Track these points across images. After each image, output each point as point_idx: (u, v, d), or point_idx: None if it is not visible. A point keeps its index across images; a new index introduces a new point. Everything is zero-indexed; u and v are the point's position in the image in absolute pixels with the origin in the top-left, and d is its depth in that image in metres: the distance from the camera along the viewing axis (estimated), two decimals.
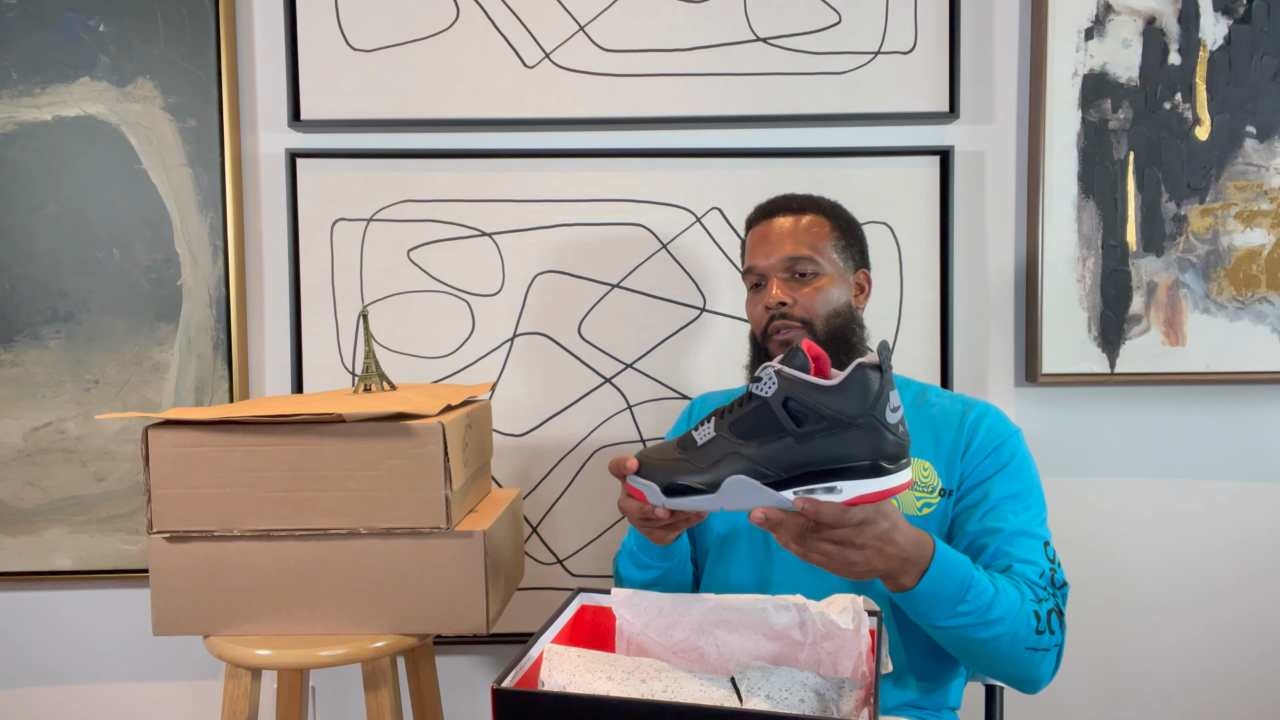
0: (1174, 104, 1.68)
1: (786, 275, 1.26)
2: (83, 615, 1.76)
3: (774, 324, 1.25)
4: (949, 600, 1.00)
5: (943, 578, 1.00)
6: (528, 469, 1.74)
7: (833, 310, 1.25)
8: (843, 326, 1.26)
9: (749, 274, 1.31)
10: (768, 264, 1.27)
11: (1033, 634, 1.05)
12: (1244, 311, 1.69)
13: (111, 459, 1.71)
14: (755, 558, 1.25)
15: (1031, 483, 1.21)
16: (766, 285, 1.28)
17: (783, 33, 1.68)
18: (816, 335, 1.24)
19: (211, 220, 1.69)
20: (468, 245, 1.71)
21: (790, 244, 1.26)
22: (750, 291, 1.32)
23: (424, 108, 1.68)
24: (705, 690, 0.91)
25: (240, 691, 1.28)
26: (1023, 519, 1.16)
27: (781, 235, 1.27)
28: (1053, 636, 1.07)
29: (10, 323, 1.69)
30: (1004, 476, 1.19)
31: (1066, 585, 1.12)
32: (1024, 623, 1.05)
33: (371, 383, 1.43)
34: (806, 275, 1.25)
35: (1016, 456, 1.21)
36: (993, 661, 1.07)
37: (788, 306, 1.24)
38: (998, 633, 1.03)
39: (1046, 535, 1.16)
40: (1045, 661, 1.08)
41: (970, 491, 1.20)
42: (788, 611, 1.00)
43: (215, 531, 1.24)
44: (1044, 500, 1.21)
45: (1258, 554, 1.77)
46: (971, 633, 1.03)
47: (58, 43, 1.66)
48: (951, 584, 1.00)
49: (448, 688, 1.74)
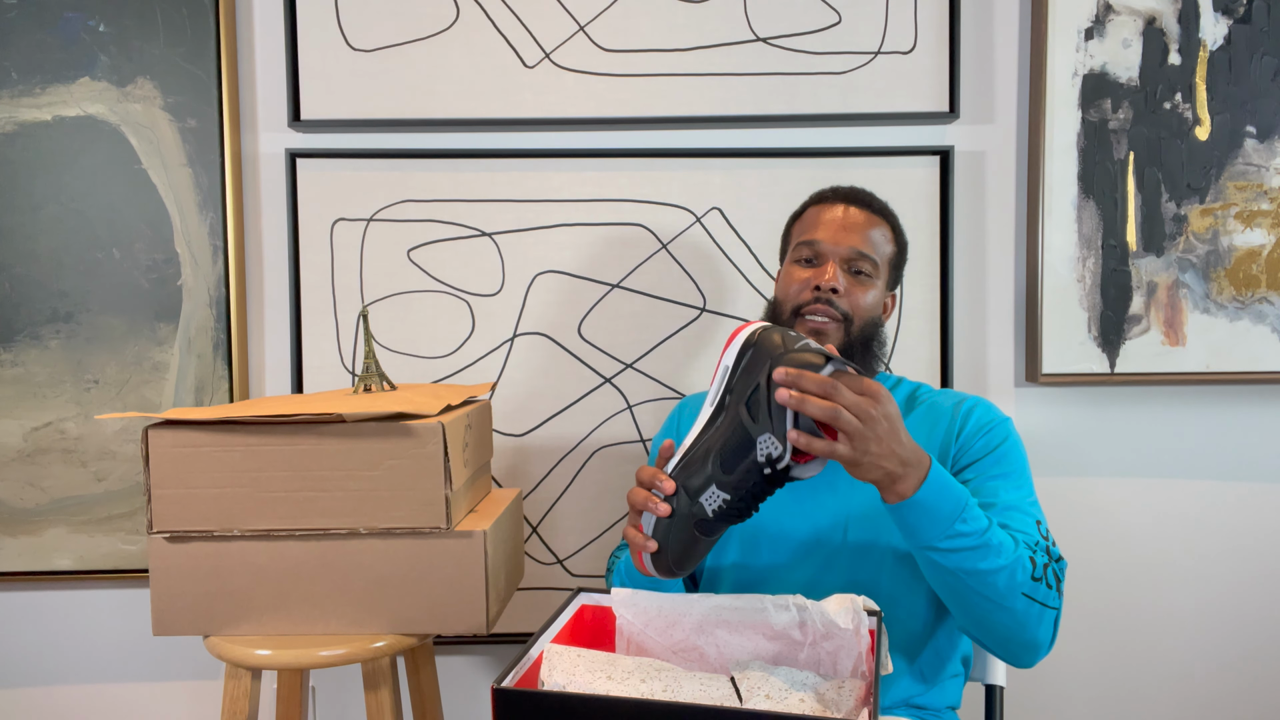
0: (1174, 104, 1.68)
1: (846, 266, 1.26)
2: (83, 615, 1.76)
3: (815, 305, 1.24)
4: (947, 516, 1.00)
5: (941, 489, 1.01)
6: (528, 469, 1.74)
7: (871, 317, 1.26)
8: (872, 335, 1.27)
9: (804, 246, 1.28)
10: (834, 247, 1.25)
11: (1029, 580, 1.04)
12: (1244, 311, 1.69)
13: (111, 459, 1.71)
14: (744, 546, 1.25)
15: (1021, 466, 1.21)
16: (820, 264, 1.26)
17: (783, 33, 1.68)
18: (850, 333, 1.24)
19: (211, 220, 1.69)
20: (468, 245, 1.71)
21: (862, 238, 1.26)
22: (795, 265, 1.28)
23: (424, 108, 1.68)
24: (705, 690, 0.91)
25: (240, 691, 1.28)
26: (1014, 496, 1.16)
27: (855, 225, 1.27)
28: (1050, 594, 1.06)
29: (10, 323, 1.69)
30: (994, 458, 1.20)
31: (1064, 561, 1.11)
32: (1020, 565, 1.04)
33: (371, 383, 1.43)
34: (861, 274, 1.26)
35: (1008, 441, 1.22)
36: (990, 607, 1.04)
37: (838, 294, 1.24)
38: (994, 565, 1.02)
39: (1039, 514, 1.15)
40: (1043, 621, 1.06)
41: (961, 472, 1.20)
42: (787, 611, 1.00)
43: (215, 531, 1.24)
44: (1033, 486, 1.21)
45: (1258, 554, 1.77)
46: (969, 560, 1.01)
47: (58, 43, 1.66)
48: (949, 498, 1.01)
49: (448, 688, 1.74)
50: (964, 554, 1.01)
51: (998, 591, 1.03)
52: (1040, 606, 1.05)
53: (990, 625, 1.07)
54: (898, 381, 1.34)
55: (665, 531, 0.99)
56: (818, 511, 1.22)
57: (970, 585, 1.03)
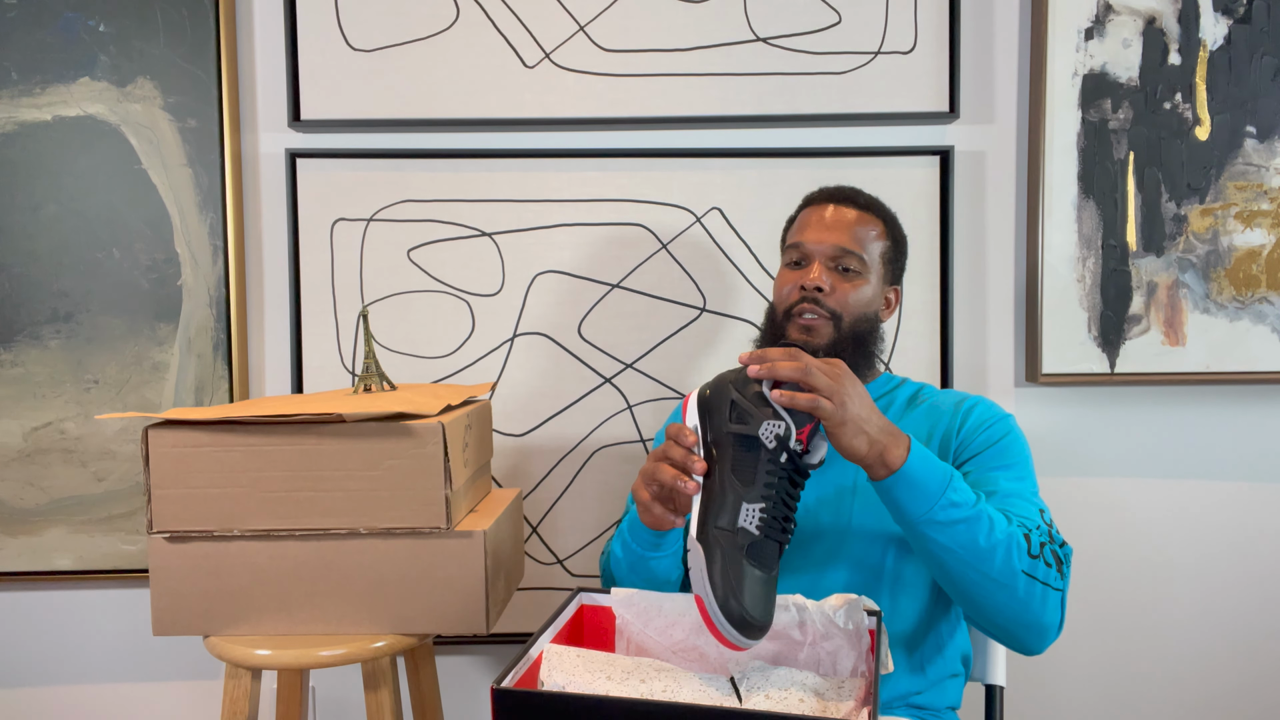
0: (1174, 104, 1.68)
1: (832, 264, 1.26)
2: (83, 615, 1.76)
3: (802, 305, 1.25)
4: (937, 486, 1.01)
5: (926, 461, 1.02)
6: (528, 469, 1.74)
7: (863, 314, 1.27)
8: (866, 333, 1.27)
9: (792, 249, 1.30)
10: (817, 246, 1.27)
11: (1026, 557, 1.03)
12: (1244, 311, 1.69)
13: (111, 459, 1.71)
14: None
15: (1024, 458, 1.21)
16: (807, 265, 1.27)
17: (782, 33, 1.68)
18: (840, 331, 1.25)
19: (211, 220, 1.69)
20: (468, 245, 1.71)
21: (847, 236, 1.27)
22: (786, 268, 1.31)
23: (424, 107, 1.68)
24: (705, 690, 0.91)
25: (240, 691, 1.28)
26: (1016, 486, 1.16)
27: (839, 224, 1.28)
28: (1050, 572, 1.05)
29: (10, 323, 1.69)
30: (996, 451, 1.20)
31: (1069, 547, 1.10)
32: (1014, 541, 1.03)
33: (371, 383, 1.43)
34: (849, 271, 1.26)
35: (1009, 435, 1.22)
36: (993, 586, 1.03)
37: (824, 293, 1.24)
38: (990, 540, 1.02)
39: (1042, 504, 1.15)
40: (1049, 602, 1.05)
41: (961, 466, 1.20)
42: (787, 611, 1.00)
43: (215, 531, 1.24)
44: (1035, 478, 1.20)
45: (1258, 554, 1.77)
46: (963, 533, 1.01)
47: (58, 43, 1.66)
48: (935, 471, 1.02)
49: (448, 688, 1.74)
50: (957, 527, 1.01)
51: (995, 568, 1.02)
52: (1043, 586, 1.04)
53: (993, 608, 1.06)
54: (900, 382, 1.34)
55: (723, 578, 0.92)
56: (821, 510, 1.23)
57: (967, 562, 1.03)
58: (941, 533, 1.02)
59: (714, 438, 0.99)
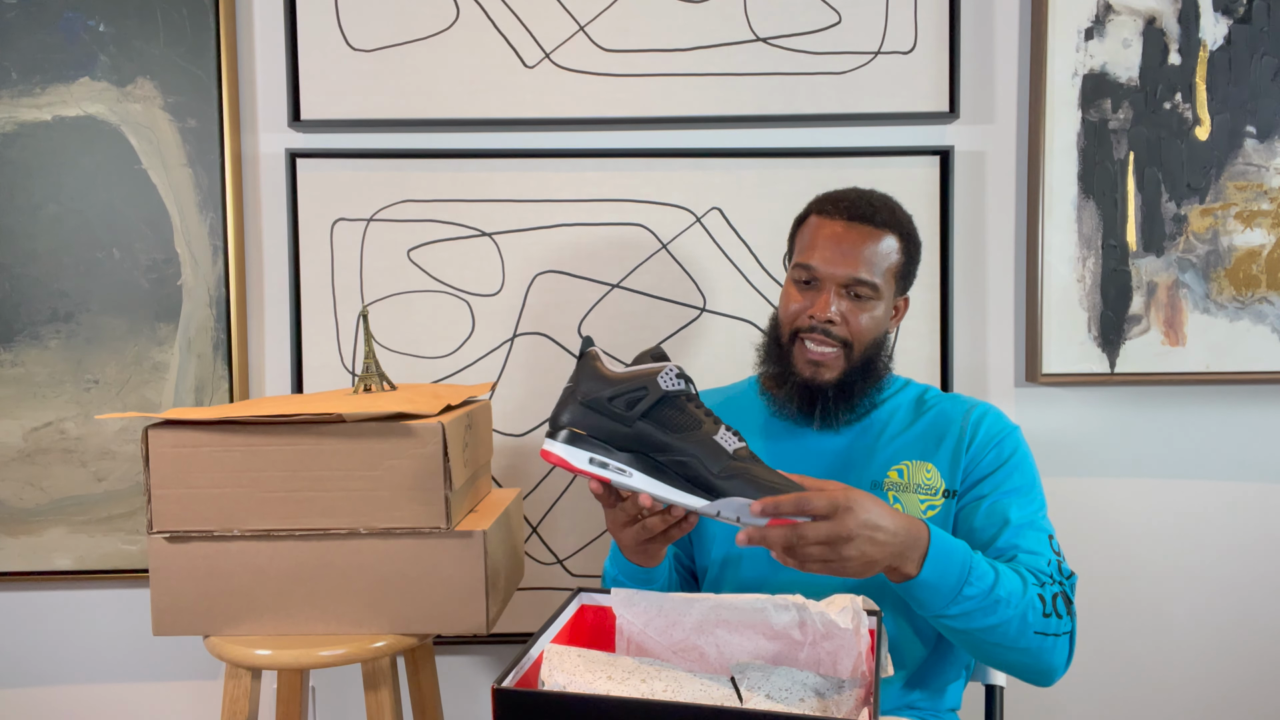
0: (1174, 104, 1.68)
1: (844, 291, 1.20)
2: (83, 615, 1.76)
3: (812, 334, 1.20)
4: (953, 585, 1.01)
5: (944, 560, 1.01)
6: (528, 469, 1.74)
7: (875, 338, 1.23)
8: (875, 355, 1.24)
9: (802, 269, 1.22)
10: (829, 272, 1.20)
11: (1040, 618, 1.05)
12: (1244, 311, 1.69)
13: (111, 459, 1.71)
14: (759, 567, 1.25)
15: (1032, 478, 1.21)
16: (818, 288, 1.21)
17: (782, 33, 1.68)
18: (851, 361, 1.22)
19: (211, 220, 1.69)
20: (468, 245, 1.71)
21: (864, 265, 1.19)
22: (794, 285, 1.24)
23: (424, 108, 1.68)
24: (705, 690, 0.91)
25: (240, 691, 1.28)
26: (1026, 512, 1.16)
27: (857, 249, 1.20)
28: (1061, 622, 1.07)
29: (10, 323, 1.69)
30: (1005, 471, 1.20)
31: (1074, 575, 1.12)
32: (1030, 606, 1.05)
33: (371, 383, 1.43)
34: (863, 297, 1.21)
35: (1018, 452, 1.22)
36: (1003, 650, 1.06)
37: (835, 326, 1.20)
38: (1004, 617, 1.03)
39: (1050, 529, 1.16)
40: (1057, 649, 1.07)
41: (973, 488, 1.20)
42: (787, 611, 1.00)
43: (215, 531, 1.24)
44: (1044, 496, 1.21)
45: (1258, 554, 1.77)
46: (978, 619, 1.02)
47: (58, 43, 1.66)
48: (953, 567, 1.01)
49: (448, 688, 1.74)
50: (973, 614, 1.03)
51: (1009, 638, 1.05)
52: (1053, 638, 1.07)
53: (1006, 664, 1.10)
54: (905, 384, 1.33)
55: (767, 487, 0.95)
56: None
57: (982, 638, 1.05)
58: (957, 620, 1.03)
59: (621, 442, 0.98)
